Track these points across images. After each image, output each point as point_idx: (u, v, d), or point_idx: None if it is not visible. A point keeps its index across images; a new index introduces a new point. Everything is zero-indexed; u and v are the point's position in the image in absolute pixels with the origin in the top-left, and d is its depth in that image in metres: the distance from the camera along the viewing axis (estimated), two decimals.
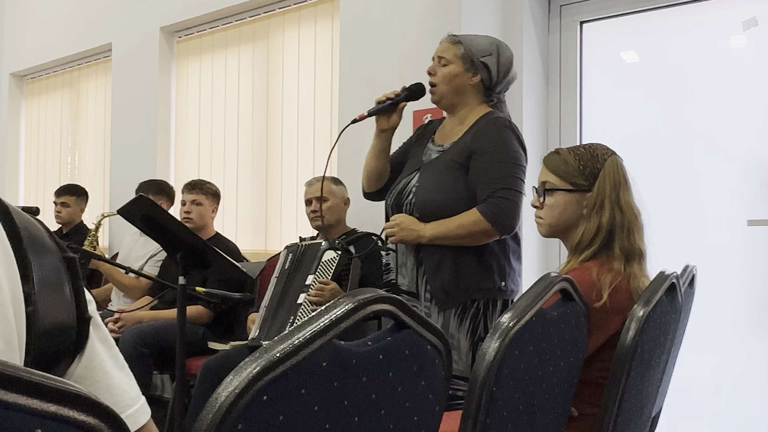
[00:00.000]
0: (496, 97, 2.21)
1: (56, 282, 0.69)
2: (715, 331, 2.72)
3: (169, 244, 2.35)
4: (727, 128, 2.75)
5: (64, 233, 4.25)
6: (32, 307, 0.64)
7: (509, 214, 2.03)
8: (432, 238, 2.07)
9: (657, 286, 1.52)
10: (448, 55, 2.16)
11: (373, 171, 2.33)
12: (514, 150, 2.08)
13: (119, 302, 3.66)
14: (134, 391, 0.79)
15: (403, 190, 2.20)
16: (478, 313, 2.08)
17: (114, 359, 0.77)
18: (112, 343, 0.78)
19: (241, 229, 4.12)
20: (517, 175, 2.07)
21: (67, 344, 0.70)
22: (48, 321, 0.66)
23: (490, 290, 2.09)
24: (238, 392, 0.66)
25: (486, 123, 2.12)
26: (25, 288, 0.65)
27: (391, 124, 2.26)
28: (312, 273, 2.67)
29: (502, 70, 2.16)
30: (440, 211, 2.08)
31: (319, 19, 3.75)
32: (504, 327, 1.09)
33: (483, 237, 2.05)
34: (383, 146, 2.30)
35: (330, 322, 0.74)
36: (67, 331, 0.70)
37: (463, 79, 2.15)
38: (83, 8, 4.98)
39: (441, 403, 0.96)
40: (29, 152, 5.71)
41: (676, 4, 2.87)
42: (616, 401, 1.42)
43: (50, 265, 0.69)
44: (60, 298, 0.69)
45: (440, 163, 2.15)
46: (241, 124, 4.15)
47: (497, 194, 2.02)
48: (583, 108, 3.11)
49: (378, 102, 2.25)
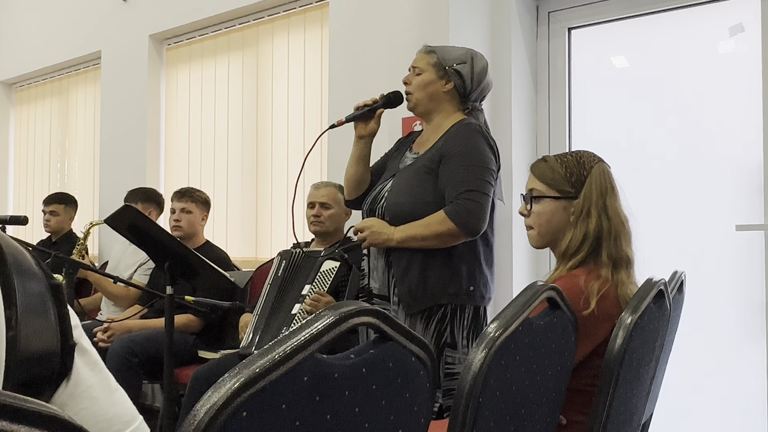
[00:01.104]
0: (471, 105, 2.23)
1: (40, 308, 0.68)
2: (705, 337, 2.72)
3: (157, 254, 2.33)
4: (716, 133, 2.76)
5: (53, 242, 4.23)
6: (13, 332, 0.63)
7: (475, 216, 2.04)
8: (401, 241, 2.08)
9: (645, 293, 1.52)
10: (421, 64, 2.21)
11: (353, 178, 2.34)
12: (483, 154, 2.10)
13: (109, 311, 3.64)
14: (128, 415, 0.78)
15: (378, 195, 2.22)
16: (445, 318, 2.09)
17: (104, 383, 0.76)
18: (101, 366, 0.77)
19: (232, 236, 4.11)
20: (484, 178, 2.08)
21: (51, 371, 0.69)
22: (31, 347, 0.66)
23: (457, 295, 2.09)
24: (217, 408, 0.65)
25: (457, 128, 2.15)
26: (7, 312, 0.64)
27: (369, 130, 2.29)
28: (309, 283, 2.65)
29: (476, 78, 2.19)
30: (409, 215, 2.10)
31: (308, 26, 3.75)
32: (490, 337, 1.08)
33: (449, 239, 2.06)
34: (362, 153, 2.32)
35: (311, 335, 0.73)
36: (51, 357, 0.69)
37: (436, 86, 2.19)
38: (72, 16, 4.96)
39: (426, 414, 0.95)
40: (18, 160, 5.68)
41: (664, 10, 2.88)
42: (605, 408, 1.42)
43: (35, 291, 0.68)
44: (44, 324, 0.68)
45: (412, 168, 2.18)
46: (230, 131, 4.14)
47: (463, 196, 2.04)
48: (572, 114, 3.12)
49: (356, 108, 2.28)
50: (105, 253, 4.54)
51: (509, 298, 2.90)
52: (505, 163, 3.01)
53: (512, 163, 2.98)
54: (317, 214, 2.96)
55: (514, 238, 2.97)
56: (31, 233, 5.11)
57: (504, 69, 3.03)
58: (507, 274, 2.98)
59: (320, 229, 2.96)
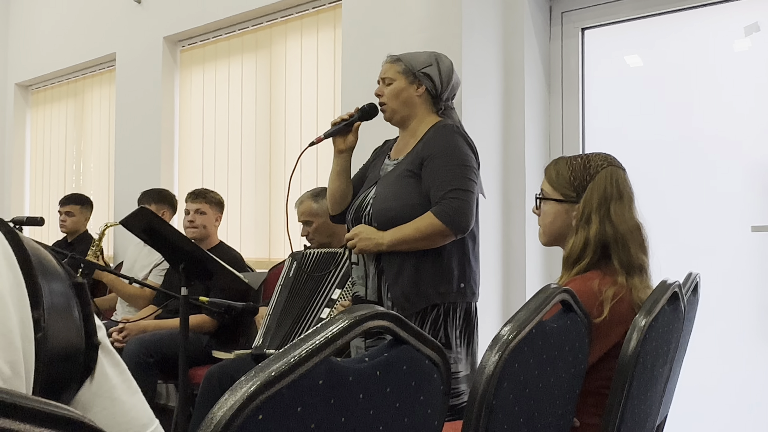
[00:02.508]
0: (444, 105, 2.27)
1: (65, 308, 0.69)
2: (720, 339, 2.70)
3: (172, 255, 2.35)
4: (731, 133, 2.74)
5: (68, 242, 4.27)
6: (42, 333, 0.64)
7: (462, 213, 2.07)
8: (391, 245, 2.11)
9: (659, 295, 1.52)
10: (390, 74, 2.26)
11: (336, 192, 2.37)
12: (463, 153, 2.14)
13: (124, 311, 3.67)
14: (145, 417, 0.78)
15: (362, 204, 2.25)
16: (438, 319, 2.11)
17: (126, 384, 0.77)
18: (124, 368, 0.78)
19: (245, 237, 4.13)
20: (467, 176, 2.11)
21: (75, 370, 0.70)
22: (57, 347, 0.66)
23: (449, 294, 2.12)
24: (234, 411, 0.66)
25: (435, 131, 2.19)
26: (34, 314, 0.64)
27: (347, 144, 2.33)
28: (340, 288, 2.64)
29: (445, 78, 2.23)
30: (396, 219, 2.12)
31: (321, 27, 3.76)
32: (504, 340, 1.09)
33: (439, 238, 2.08)
34: (343, 167, 2.35)
35: (326, 339, 0.74)
36: (76, 356, 0.70)
37: (409, 92, 2.23)
38: (87, 19, 5.01)
39: (440, 417, 0.96)
40: (34, 162, 5.74)
41: (679, 9, 2.87)
42: (619, 411, 1.42)
43: (60, 291, 0.69)
44: (69, 323, 0.69)
45: (394, 174, 2.21)
46: (244, 132, 4.17)
47: (449, 195, 2.07)
48: (586, 114, 3.11)
49: (333, 124, 2.32)
50: (120, 253, 4.57)
51: (522, 297, 2.91)
52: (518, 164, 3.01)
53: (525, 164, 2.98)
54: (304, 233, 2.99)
55: (527, 238, 2.96)
56: (47, 234, 5.16)
57: (517, 69, 3.02)
58: (520, 273, 2.98)
59: (315, 244, 2.97)
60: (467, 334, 2.17)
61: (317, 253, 2.79)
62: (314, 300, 2.68)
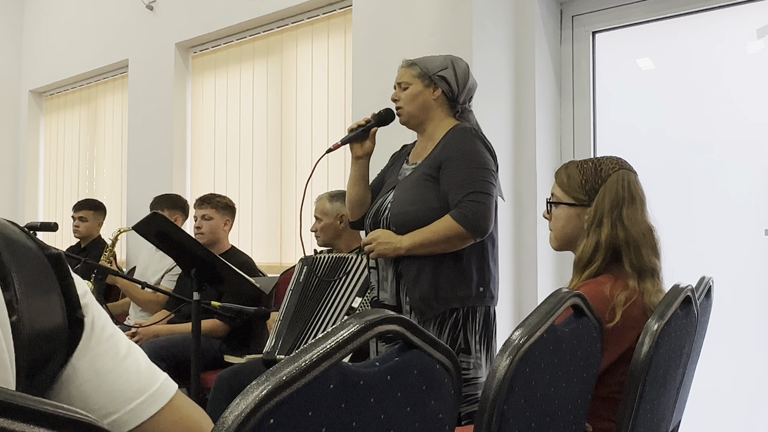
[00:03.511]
0: (461, 108, 2.26)
1: (41, 284, 0.65)
2: (734, 343, 2.68)
3: (184, 260, 2.36)
4: (744, 136, 2.72)
5: (82, 248, 4.30)
6: (16, 316, 0.60)
7: (481, 216, 2.05)
8: (409, 249, 2.09)
9: (671, 300, 1.51)
10: (406, 78, 2.25)
11: (354, 198, 2.36)
12: (482, 155, 2.12)
13: (136, 316, 3.69)
14: (141, 381, 0.73)
15: (380, 208, 2.24)
16: (457, 323, 2.10)
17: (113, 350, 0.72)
18: (110, 334, 0.72)
19: (257, 242, 4.14)
20: (485, 179, 2.10)
21: (59, 347, 0.66)
22: (36, 326, 0.62)
23: (468, 298, 2.10)
24: (245, 416, 0.66)
25: (453, 134, 2.18)
26: (6, 295, 0.60)
27: (365, 150, 2.32)
28: (360, 296, 2.62)
29: (461, 81, 2.22)
30: (414, 223, 2.11)
31: (331, 32, 3.78)
32: (515, 344, 1.08)
33: (458, 242, 2.07)
34: (361, 173, 2.34)
35: (337, 344, 0.74)
36: (58, 333, 0.65)
37: (425, 95, 2.22)
38: (100, 26, 5.05)
39: (451, 422, 0.96)
40: (48, 167, 5.79)
41: (690, 12, 2.86)
42: (631, 416, 1.41)
43: (32, 267, 0.64)
44: (47, 299, 0.65)
45: (412, 177, 2.20)
46: (255, 137, 4.18)
47: (467, 198, 2.06)
48: (597, 118, 3.10)
49: (350, 130, 2.31)
50: (133, 258, 4.60)
51: (534, 301, 2.90)
52: (529, 167, 3.01)
53: (536, 168, 2.97)
54: (314, 228, 3.02)
55: (538, 241, 2.96)
56: (60, 239, 5.20)
57: (528, 73, 3.02)
58: (532, 276, 2.97)
59: (319, 241, 2.99)
60: (486, 338, 2.15)
61: (328, 258, 2.80)
62: (325, 305, 2.68)
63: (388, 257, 2.17)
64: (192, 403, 0.79)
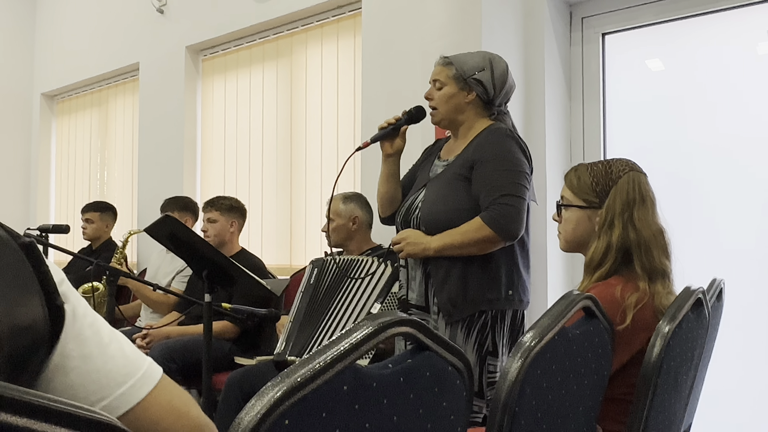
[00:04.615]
0: (496, 110, 2.23)
1: (15, 275, 0.63)
2: (745, 345, 2.67)
3: (195, 262, 2.38)
4: (755, 136, 2.71)
5: (93, 249, 4.32)
6: None
7: (512, 220, 2.03)
8: (438, 250, 2.08)
9: (683, 302, 1.51)
10: (441, 77, 2.21)
11: (385, 196, 2.36)
12: (516, 157, 2.09)
13: (148, 318, 3.71)
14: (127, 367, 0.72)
15: (411, 206, 2.23)
16: (486, 326, 2.08)
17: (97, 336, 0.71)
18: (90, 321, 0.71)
19: (267, 244, 4.15)
20: (518, 182, 2.06)
21: (41, 338, 0.64)
22: (14, 320, 0.60)
23: (497, 300, 2.08)
24: (260, 416, 0.67)
25: (487, 134, 2.15)
26: None
27: (395, 148, 2.31)
28: (380, 302, 2.59)
29: (498, 83, 2.18)
30: (444, 223, 2.09)
31: (341, 35, 3.79)
32: (526, 346, 1.09)
33: (487, 244, 2.05)
34: (391, 171, 2.33)
35: (350, 345, 0.75)
36: (37, 325, 0.63)
37: (459, 98, 2.19)
38: (111, 29, 5.09)
39: (463, 423, 0.96)
40: (59, 170, 5.83)
41: (700, 13, 2.85)
42: (642, 418, 1.41)
43: (5, 259, 0.62)
44: (22, 291, 0.63)
45: (444, 177, 2.17)
46: (265, 140, 4.20)
47: (499, 201, 2.03)
48: (607, 120, 3.09)
49: (380, 128, 2.30)
50: (143, 260, 4.63)
51: (544, 302, 2.89)
52: (539, 170, 3.00)
53: (546, 170, 2.97)
54: (325, 229, 3.02)
55: (548, 243, 2.95)
56: (72, 241, 5.23)
57: (537, 75, 3.02)
58: (542, 278, 2.97)
59: (330, 242, 3.00)
60: (514, 341, 2.12)
61: (338, 260, 2.80)
62: (338, 307, 2.69)
63: (416, 257, 2.16)
64: (177, 385, 0.78)
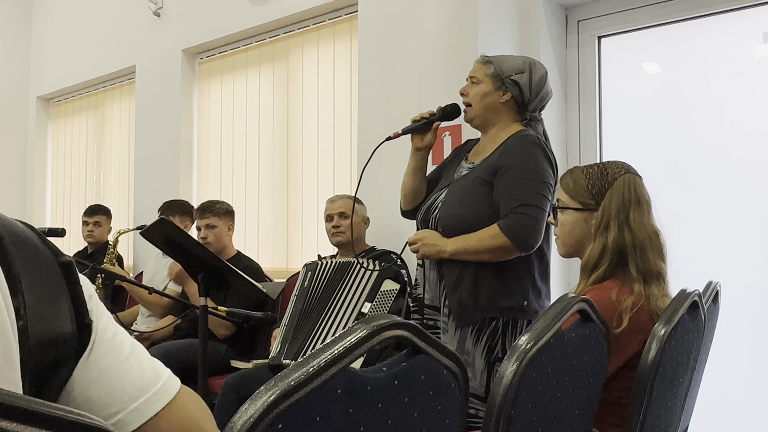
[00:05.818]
0: (529, 115, 2.20)
1: (51, 291, 0.65)
2: (741, 347, 2.67)
3: (191, 266, 2.37)
4: (752, 140, 2.72)
5: (90, 253, 4.31)
6: (23, 321, 0.61)
7: (530, 231, 2.00)
8: (453, 254, 2.06)
9: (678, 305, 1.51)
10: (479, 75, 2.19)
11: (410, 189, 2.34)
12: (540, 167, 2.06)
13: (144, 321, 3.70)
14: (144, 380, 0.73)
15: (431, 206, 2.22)
16: (497, 332, 2.06)
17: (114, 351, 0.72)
18: (112, 334, 0.73)
19: (263, 247, 4.15)
20: (540, 192, 2.03)
21: (67, 354, 0.67)
22: (45, 333, 0.63)
23: (510, 309, 2.06)
24: (254, 420, 0.67)
25: (514, 140, 2.12)
26: (14, 302, 0.61)
27: (425, 143, 2.29)
28: (369, 301, 2.60)
29: (534, 88, 2.16)
30: (462, 227, 2.08)
31: (337, 38, 3.79)
32: (521, 349, 1.09)
33: (503, 253, 2.02)
34: (418, 165, 2.31)
35: (344, 349, 0.74)
36: (66, 340, 0.66)
37: (493, 97, 2.16)
38: (107, 32, 5.08)
39: (458, 426, 0.96)
40: (55, 173, 5.82)
41: (696, 16, 2.85)
42: (639, 421, 1.41)
43: (43, 274, 0.65)
44: (56, 307, 0.65)
45: (467, 179, 2.16)
46: (262, 143, 4.20)
47: (519, 210, 2.00)
48: (603, 123, 3.10)
49: (413, 121, 2.28)
50: (140, 264, 4.62)
51: None
52: None
53: None
54: (337, 224, 3.03)
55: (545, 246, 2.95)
56: (68, 245, 5.22)
57: None
58: None
59: (342, 239, 3.01)
60: None
61: (331, 264, 2.80)
62: (332, 310, 2.69)
63: (431, 259, 2.15)
64: (197, 400, 0.79)
